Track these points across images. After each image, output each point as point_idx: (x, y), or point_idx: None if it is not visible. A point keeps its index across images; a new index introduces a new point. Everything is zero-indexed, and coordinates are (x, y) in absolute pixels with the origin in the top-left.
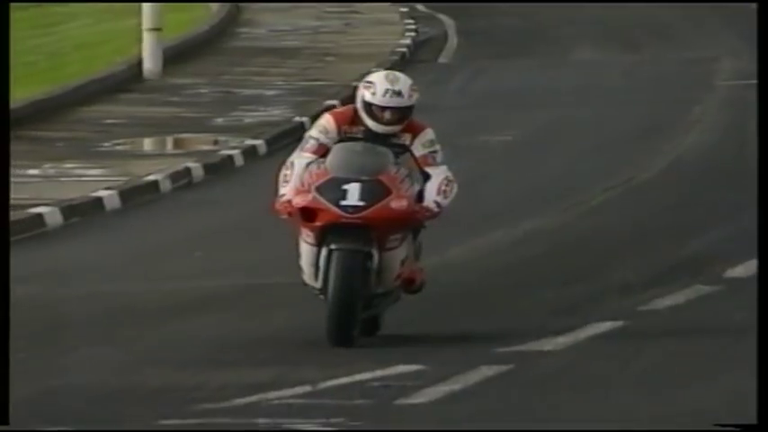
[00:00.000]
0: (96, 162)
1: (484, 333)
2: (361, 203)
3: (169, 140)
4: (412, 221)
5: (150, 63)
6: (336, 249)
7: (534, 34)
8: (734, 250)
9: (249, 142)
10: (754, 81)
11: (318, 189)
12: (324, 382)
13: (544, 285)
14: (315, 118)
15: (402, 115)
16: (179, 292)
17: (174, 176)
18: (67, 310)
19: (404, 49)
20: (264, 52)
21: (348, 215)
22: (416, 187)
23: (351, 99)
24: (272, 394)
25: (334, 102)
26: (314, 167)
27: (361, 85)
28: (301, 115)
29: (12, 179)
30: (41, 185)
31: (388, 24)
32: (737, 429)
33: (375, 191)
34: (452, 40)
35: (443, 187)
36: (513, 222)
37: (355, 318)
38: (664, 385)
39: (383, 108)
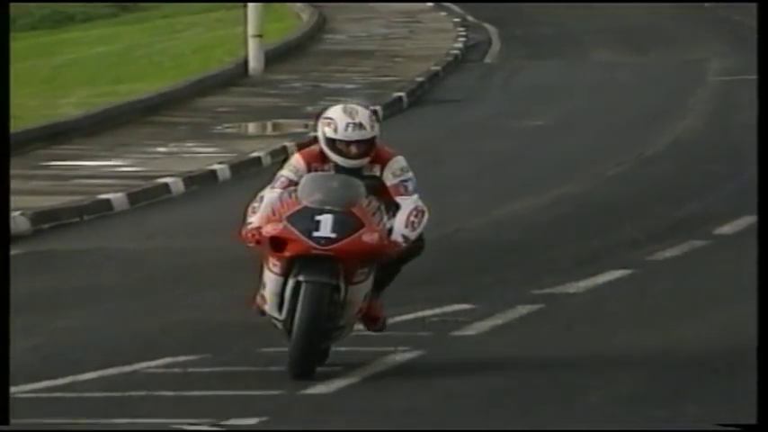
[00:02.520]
0: (211, 141)
1: (520, 279)
2: (332, 235)
3: (269, 124)
4: (381, 255)
5: (254, 62)
6: (305, 281)
7: (562, 39)
8: (722, 212)
9: None
10: (739, 77)
11: (290, 219)
12: (393, 318)
13: (569, 240)
14: (386, 107)
15: (368, 147)
16: None
17: (273, 153)
18: (188, 261)
19: (457, 52)
20: (345, 54)
21: (319, 247)
22: (386, 220)
23: (417, 90)
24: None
25: (401, 94)
26: (285, 196)
27: (320, 122)
28: (374, 104)
29: (143, 155)
30: (167, 160)
31: (444, 32)
32: (737, 429)
33: (347, 223)
34: (496, 45)
35: (412, 218)
36: (544, 190)
37: (318, 350)
38: (666, 319)
39: (347, 143)
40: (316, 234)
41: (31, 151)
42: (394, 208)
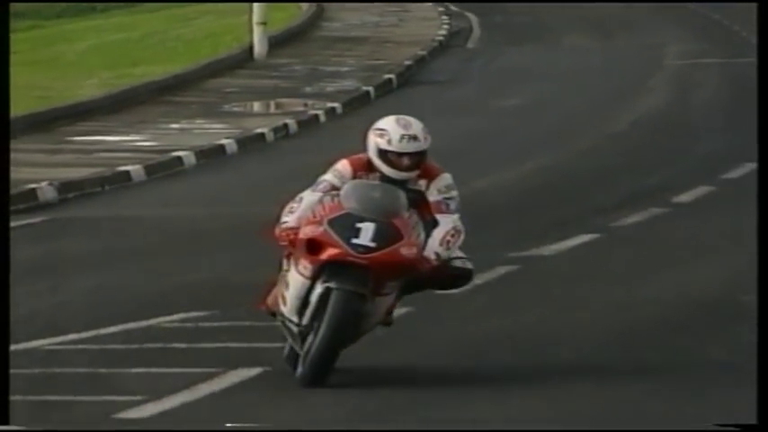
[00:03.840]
0: (219, 119)
1: (499, 243)
2: (372, 244)
3: (272, 103)
4: (414, 271)
5: (259, 47)
6: (336, 288)
7: (538, 27)
8: (680, 183)
9: (330, 105)
10: (694, 60)
11: (331, 223)
12: None
13: (542, 208)
14: (378, 88)
15: (419, 160)
16: None
17: (276, 129)
18: (200, 227)
19: (441, 38)
20: (341, 40)
21: (356, 255)
22: (423, 237)
23: (405, 73)
24: None
25: (391, 76)
26: (327, 200)
27: (372, 132)
28: (367, 85)
29: (158, 131)
30: (180, 136)
31: (430, 20)
32: (737, 429)
33: (388, 234)
34: (477, 31)
35: (448, 237)
36: (520, 163)
37: (336, 359)
38: (630, 277)
39: (400, 155)
40: (355, 241)
41: (58, 128)
42: (429, 227)
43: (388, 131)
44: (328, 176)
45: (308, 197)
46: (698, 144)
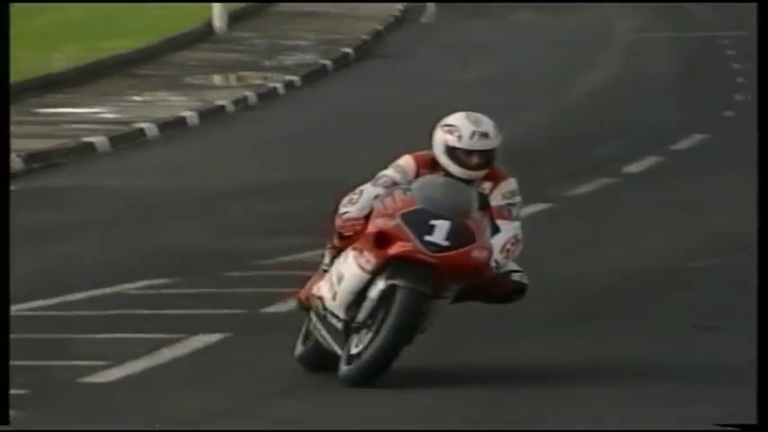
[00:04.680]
0: (181, 92)
1: None
2: (445, 243)
3: (232, 76)
4: (479, 276)
5: (219, 22)
6: (404, 287)
7: (491, 3)
8: (630, 153)
9: (288, 77)
10: (643, 35)
11: (404, 217)
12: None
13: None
14: (336, 62)
15: (488, 158)
16: (244, 183)
17: (236, 102)
18: (163, 196)
19: (397, 13)
20: (299, 15)
21: (428, 253)
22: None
23: (362, 47)
24: (305, 254)
25: (349, 50)
26: (398, 194)
27: (440, 128)
28: (325, 58)
29: (122, 104)
30: (143, 108)
31: None
32: (737, 429)
33: (462, 234)
34: (431, 7)
35: (509, 245)
36: None
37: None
38: (582, 246)
39: (470, 152)
40: (428, 238)
41: (25, 99)
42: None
43: (459, 128)
44: (390, 172)
45: (369, 190)
46: (647, 116)
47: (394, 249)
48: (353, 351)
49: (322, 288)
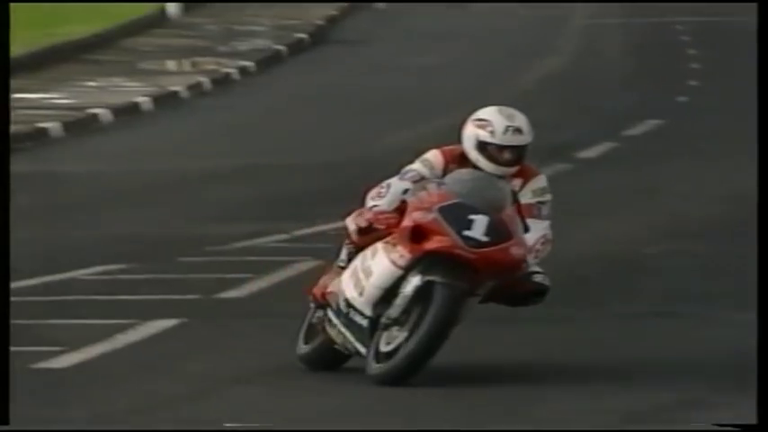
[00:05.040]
0: (135, 77)
1: None
2: (484, 239)
3: (186, 62)
4: (515, 274)
5: (173, 8)
6: (442, 283)
7: None
8: (584, 139)
9: (243, 63)
10: (598, 20)
11: (442, 211)
12: (297, 231)
13: None
14: (291, 47)
15: (520, 154)
16: (200, 169)
17: (191, 87)
18: (118, 182)
19: None
20: (254, 1)
21: (466, 248)
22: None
23: (317, 32)
24: (260, 240)
25: (304, 35)
26: (432, 188)
27: (471, 123)
28: (279, 44)
29: (77, 89)
30: (97, 94)
31: None
32: (737, 429)
33: (500, 230)
34: None
35: (538, 246)
36: (431, 121)
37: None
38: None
39: (502, 148)
40: (466, 233)
41: None
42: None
43: (492, 122)
44: (417, 166)
45: (397, 184)
46: (601, 101)
47: (431, 244)
48: (384, 349)
49: (344, 284)
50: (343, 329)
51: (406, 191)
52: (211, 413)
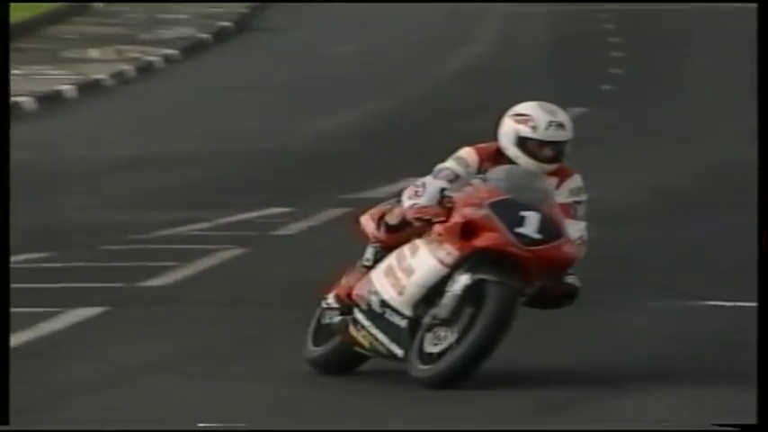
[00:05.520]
0: (59, 65)
1: (331, 185)
2: (537, 236)
3: (111, 50)
4: (563, 272)
5: None
6: (496, 282)
7: None
8: None
9: (167, 51)
10: (521, 8)
11: (493, 207)
12: (220, 219)
13: (374, 151)
14: (215, 35)
15: (561, 151)
16: (123, 156)
17: (114, 75)
18: (41, 171)
19: None
20: None
21: (520, 246)
22: None
23: (241, 20)
24: (183, 228)
25: (228, 23)
26: (478, 184)
27: (511, 118)
28: (204, 32)
29: None
30: (21, 82)
31: None
32: (737, 429)
33: (552, 227)
34: None
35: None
36: (353, 107)
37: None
38: None
39: (543, 143)
40: (519, 230)
41: None
42: None
43: (534, 117)
44: (451, 164)
45: (433, 183)
46: (523, 89)
47: (482, 241)
48: (431, 350)
49: (377, 284)
50: (374, 331)
51: (442, 190)
52: (129, 401)
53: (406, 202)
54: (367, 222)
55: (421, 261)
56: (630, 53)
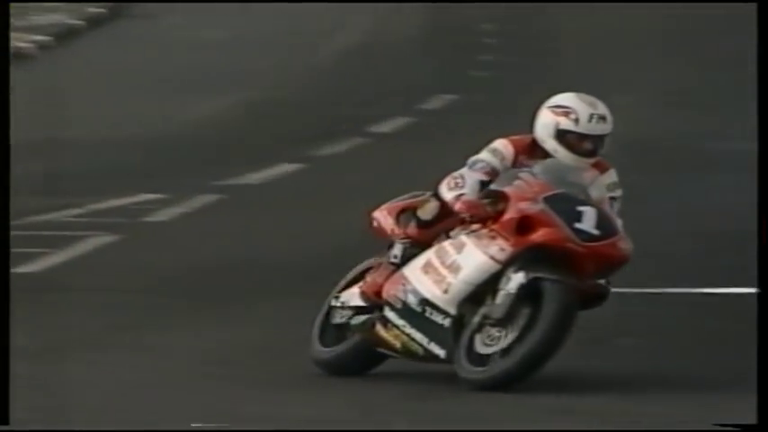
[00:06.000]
0: None
1: (203, 172)
2: (596, 232)
3: None
4: (615, 271)
5: None
6: (555, 281)
7: None
8: (379, 113)
9: (39, 38)
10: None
11: (548, 201)
12: (92, 206)
13: (246, 137)
14: (88, 21)
15: (601, 145)
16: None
17: None
18: None
19: None
20: None
21: (579, 242)
22: None
23: (115, 6)
24: (55, 214)
25: (101, 9)
26: (527, 177)
27: (550, 110)
28: (76, 19)
29: None
30: None
31: None
32: (737, 429)
33: (607, 223)
34: None
35: None
36: (224, 95)
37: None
38: (331, 205)
39: (584, 137)
40: (578, 226)
41: None
42: None
43: (575, 110)
44: (486, 157)
45: (471, 175)
46: (395, 76)
47: (539, 236)
48: (484, 351)
49: (415, 281)
50: (409, 330)
51: (482, 182)
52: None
53: (448, 193)
54: (384, 218)
55: (469, 257)
56: (502, 40)
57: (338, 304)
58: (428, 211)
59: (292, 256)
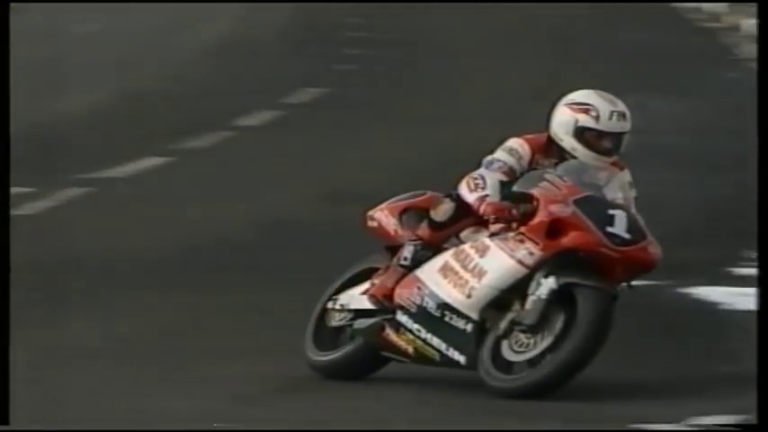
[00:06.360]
0: None
1: (70, 164)
2: (627, 236)
3: None
4: (644, 275)
5: None
6: (589, 287)
7: None
8: (245, 106)
9: None
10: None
11: (578, 204)
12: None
13: (113, 131)
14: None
15: (620, 143)
16: None
17: None
18: None
19: None
20: None
21: (612, 246)
22: None
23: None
24: None
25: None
26: (554, 179)
27: (569, 107)
28: None
29: None
30: None
31: None
32: (737, 429)
33: (637, 227)
34: None
35: None
36: (101, 87)
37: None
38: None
39: (603, 134)
40: (610, 229)
41: None
42: None
43: (595, 106)
44: (503, 156)
45: (491, 175)
46: (263, 69)
47: (571, 240)
48: (513, 358)
49: (432, 285)
50: (425, 335)
51: (502, 183)
52: None
53: (470, 195)
54: (386, 218)
55: (494, 261)
56: (371, 32)
57: (336, 306)
58: (442, 212)
59: (148, 250)
